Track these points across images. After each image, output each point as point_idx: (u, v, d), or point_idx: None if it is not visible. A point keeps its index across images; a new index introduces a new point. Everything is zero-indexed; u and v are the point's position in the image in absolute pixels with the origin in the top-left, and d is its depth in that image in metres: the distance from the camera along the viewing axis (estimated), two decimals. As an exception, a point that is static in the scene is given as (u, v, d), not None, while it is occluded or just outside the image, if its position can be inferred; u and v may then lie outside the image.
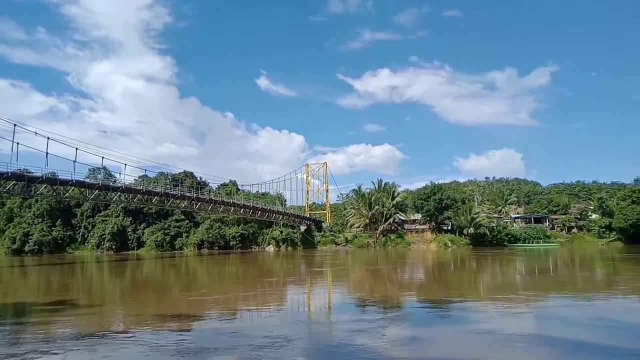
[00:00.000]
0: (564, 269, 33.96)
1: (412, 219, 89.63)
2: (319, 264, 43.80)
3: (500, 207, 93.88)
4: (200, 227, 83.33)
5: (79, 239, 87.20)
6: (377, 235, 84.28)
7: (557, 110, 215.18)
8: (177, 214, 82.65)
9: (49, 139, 44.88)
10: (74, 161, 47.42)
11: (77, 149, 47.34)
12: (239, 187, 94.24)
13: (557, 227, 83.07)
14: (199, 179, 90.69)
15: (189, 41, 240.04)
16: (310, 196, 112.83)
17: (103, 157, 54.43)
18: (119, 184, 56.84)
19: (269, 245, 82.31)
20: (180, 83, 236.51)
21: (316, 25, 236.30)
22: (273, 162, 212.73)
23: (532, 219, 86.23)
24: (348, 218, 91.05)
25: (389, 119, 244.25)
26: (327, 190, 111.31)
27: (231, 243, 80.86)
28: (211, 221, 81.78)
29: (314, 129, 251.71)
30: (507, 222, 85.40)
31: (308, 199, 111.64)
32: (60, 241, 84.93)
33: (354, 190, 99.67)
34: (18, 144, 42.99)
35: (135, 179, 72.01)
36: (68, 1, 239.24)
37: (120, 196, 57.07)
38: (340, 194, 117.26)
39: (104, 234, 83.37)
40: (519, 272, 32.05)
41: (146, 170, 72.51)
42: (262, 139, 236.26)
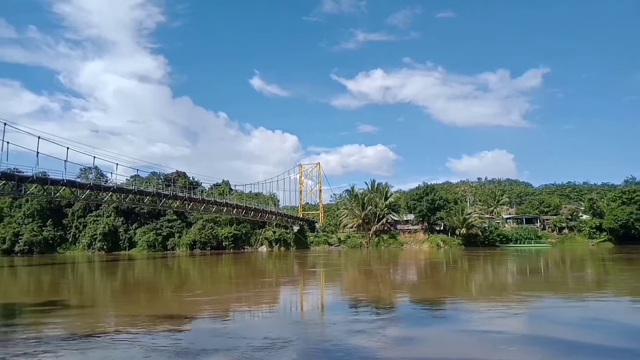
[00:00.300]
0: (555, 270, 34.22)
1: (405, 219, 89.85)
2: (313, 265, 43.76)
3: (492, 208, 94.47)
4: (193, 227, 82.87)
5: (70, 239, 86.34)
6: (370, 236, 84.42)
7: (548, 112, 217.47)
8: (169, 214, 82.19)
9: (39, 138, 44.47)
10: (65, 161, 47.04)
11: (68, 148, 46.95)
12: (232, 187, 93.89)
13: (549, 227, 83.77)
14: (191, 179, 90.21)
15: (182, 41, 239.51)
16: (304, 196, 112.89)
17: (95, 157, 54.35)
18: (111, 184, 56.41)
19: (261, 245, 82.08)
20: (173, 82, 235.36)
21: (310, 26, 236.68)
22: (266, 162, 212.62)
23: (524, 219, 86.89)
24: (341, 218, 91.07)
25: (382, 120, 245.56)
26: (321, 191, 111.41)
27: (224, 243, 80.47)
28: (204, 221, 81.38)
29: (307, 129, 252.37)
30: (499, 222, 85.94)
31: (301, 199, 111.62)
32: (51, 241, 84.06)
33: (347, 190, 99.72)
34: (8, 143, 42.69)
35: (127, 179, 71.72)
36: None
37: (111, 196, 56.62)
38: (334, 194, 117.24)
39: (95, 234, 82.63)
40: (511, 272, 32.26)
41: (138, 170, 72.22)
42: (255, 139, 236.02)
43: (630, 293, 19.43)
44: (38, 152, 44.31)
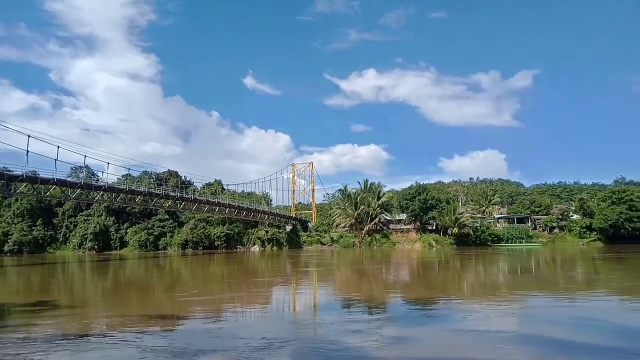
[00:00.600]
0: (546, 269, 34.45)
1: (398, 219, 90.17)
2: (306, 264, 43.70)
3: (484, 208, 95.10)
4: (185, 226, 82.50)
5: (61, 239, 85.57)
6: (363, 235, 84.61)
7: (539, 112, 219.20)
8: (161, 213, 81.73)
9: (29, 136, 43.91)
10: (55, 160, 46.51)
11: (58, 147, 46.43)
12: (224, 187, 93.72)
13: (539, 227, 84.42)
14: (183, 178, 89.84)
15: (173, 39, 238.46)
16: (296, 196, 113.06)
17: (85, 156, 53.50)
18: (102, 183, 55.92)
19: (254, 245, 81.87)
20: (165, 81, 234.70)
21: (303, 25, 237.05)
22: (259, 162, 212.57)
23: (515, 219, 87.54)
24: (334, 218, 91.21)
25: (375, 119, 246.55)
26: (313, 190, 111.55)
27: (216, 243, 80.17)
28: (196, 221, 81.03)
29: (300, 128, 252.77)
30: (490, 222, 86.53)
31: (294, 198, 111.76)
32: (41, 241, 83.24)
33: (340, 190, 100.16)
34: (-3, 141, 42.16)
35: (118, 178, 71.17)
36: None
37: (102, 195, 56.17)
38: (326, 193, 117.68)
39: (86, 234, 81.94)
40: (503, 272, 32.45)
41: (129, 169, 71.58)
42: (247, 139, 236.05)
43: (620, 292, 19.60)
44: (28, 151, 43.81)
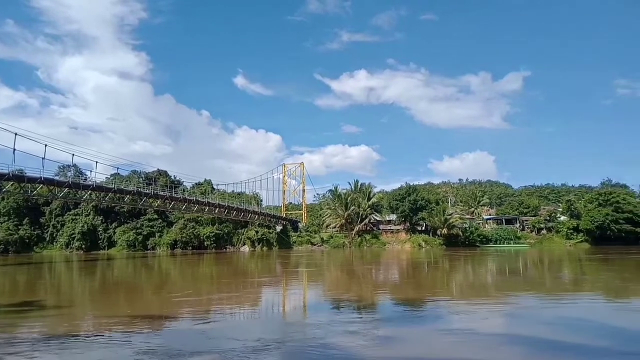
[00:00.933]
0: (534, 270, 34.89)
1: (388, 219, 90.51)
2: (296, 265, 43.72)
3: (473, 209, 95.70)
4: (174, 226, 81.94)
5: (48, 238, 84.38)
6: (353, 236, 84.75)
7: (528, 114, 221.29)
8: (150, 213, 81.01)
9: (16, 134, 43.37)
10: (42, 158, 45.93)
11: (46, 145, 45.89)
12: (214, 187, 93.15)
13: (527, 228, 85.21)
14: (173, 177, 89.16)
15: (164, 38, 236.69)
16: (287, 196, 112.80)
17: (73, 155, 52.82)
18: (90, 182, 55.33)
19: (244, 245, 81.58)
20: (155, 80, 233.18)
21: (294, 25, 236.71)
22: (249, 162, 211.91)
23: (504, 220, 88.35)
24: (324, 218, 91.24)
25: (366, 120, 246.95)
26: (304, 191, 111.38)
27: (205, 243, 79.71)
28: (185, 221, 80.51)
29: (291, 128, 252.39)
30: (479, 223, 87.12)
31: (284, 199, 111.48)
32: (28, 240, 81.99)
33: (330, 190, 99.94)
34: (-17, 139, 41.53)
35: (106, 177, 70.90)
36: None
37: (91, 194, 55.59)
38: (317, 194, 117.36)
39: (73, 233, 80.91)
40: (491, 272, 32.79)
41: (118, 168, 70.79)
42: (238, 138, 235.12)
43: (606, 293, 19.93)
44: (15, 149, 43.30)
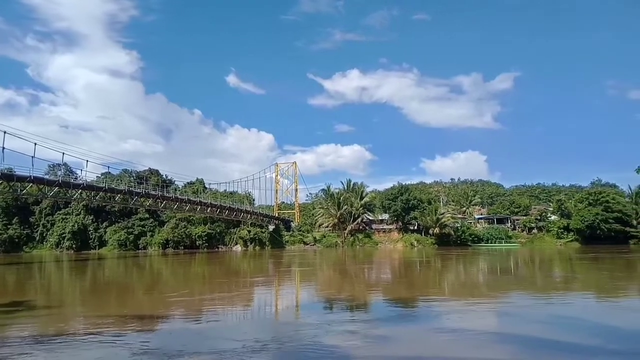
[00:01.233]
0: (525, 269, 35.17)
1: (380, 219, 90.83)
2: (289, 264, 43.67)
3: (465, 208, 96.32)
4: (166, 226, 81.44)
5: (37, 238, 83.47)
6: (346, 235, 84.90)
7: (519, 114, 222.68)
8: (141, 212, 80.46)
9: (5, 132, 42.79)
10: (32, 157, 45.22)
11: (35, 144, 45.21)
12: (206, 186, 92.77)
13: (519, 227, 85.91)
14: (164, 176, 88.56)
15: (156, 36, 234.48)
16: (279, 195, 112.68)
17: (64, 153, 52.10)
18: (81, 181, 54.75)
19: (236, 245, 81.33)
20: (146, 78, 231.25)
21: (287, 24, 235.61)
22: (242, 161, 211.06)
23: (495, 219, 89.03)
24: (317, 218, 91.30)
25: (359, 120, 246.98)
26: (296, 190, 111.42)
27: (197, 243, 79.35)
28: (177, 220, 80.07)
29: (283, 128, 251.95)
30: (471, 222, 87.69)
31: (277, 198, 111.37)
32: (17, 240, 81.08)
33: (323, 190, 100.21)
34: (-29, 138, 40.92)
35: (97, 176, 70.12)
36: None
37: (81, 193, 55.04)
38: (310, 193, 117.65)
39: (63, 233, 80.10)
40: (482, 271, 33.00)
41: (109, 167, 70.62)
42: (230, 137, 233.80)
43: (596, 291, 20.14)
44: (4, 148, 42.64)
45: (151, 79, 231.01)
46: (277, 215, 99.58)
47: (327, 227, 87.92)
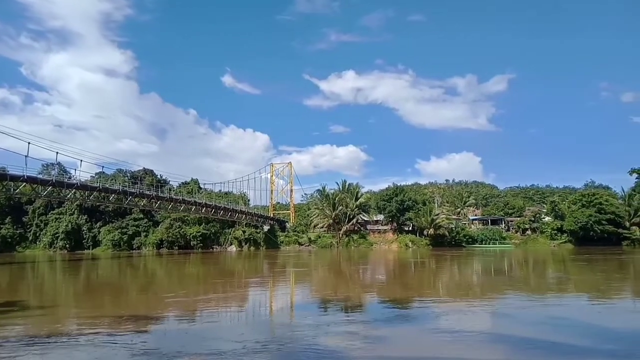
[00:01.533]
0: (519, 270, 35.37)
1: (375, 219, 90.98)
2: (284, 265, 43.64)
3: (459, 209, 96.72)
4: (160, 226, 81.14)
5: (31, 238, 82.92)
6: (341, 236, 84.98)
7: (513, 116, 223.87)
8: (135, 212, 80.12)
9: (-2, 132, 42.54)
10: (26, 156, 44.92)
11: (29, 143, 44.91)
12: (201, 186, 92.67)
13: (512, 228, 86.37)
14: (159, 176, 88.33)
15: (151, 35, 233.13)
16: (275, 196, 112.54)
17: (57, 153, 51.70)
18: (74, 181, 54.46)
19: (231, 245, 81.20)
20: (141, 78, 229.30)
21: (283, 24, 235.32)
22: (237, 161, 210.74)
23: (489, 220, 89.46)
24: (312, 218, 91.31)
25: (354, 121, 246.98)
26: (292, 190, 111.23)
27: (192, 243, 79.16)
28: (171, 220, 79.80)
29: (279, 128, 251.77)
30: (465, 223, 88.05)
31: (272, 198, 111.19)
32: (10, 239, 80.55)
33: (318, 190, 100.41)
34: (-36, 136, 40.68)
35: (91, 176, 69.88)
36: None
37: (75, 193, 54.77)
38: (305, 194, 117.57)
39: (57, 233, 79.59)
40: (477, 272, 33.14)
41: (103, 167, 70.46)
42: (225, 137, 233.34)
43: (589, 293, 20.29)
44: (-3, 147, 42.50)
45: (146, 78, 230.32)
46: (272, 215, 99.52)
47: (322, 227, 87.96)
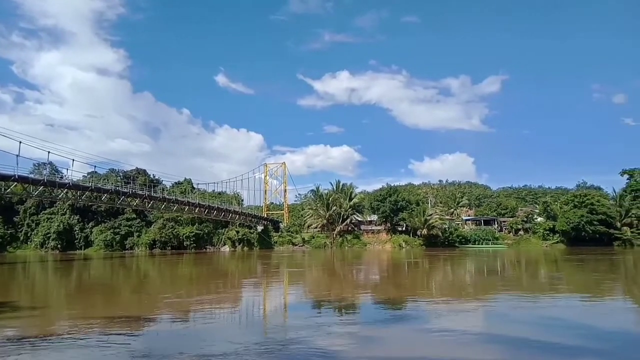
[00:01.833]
0: (511, 270, 35.60)
1: (369, 220, 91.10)
2: (278, 265, 43.60)
3: (452, 210, 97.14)
4: (153, 226, 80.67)
5: (22, 238, 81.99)
6: (334, 236, 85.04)
7: (506, 117, 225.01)
8: (128, 212, 79.61)
9: (-11, 131, 42.17)
10: (17, 155, 44.50)
11: (20, 142, 44.43)
12: (194, 186, 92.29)
13: (505, 229, 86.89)
14: (152, 176, 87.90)
15: (144, 34, 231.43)
16: (268, 196, 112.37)
17: (49, 152, 51.09)
18: (66, 180, 54.00)
19: (224, 245, 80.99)
20: (134, 77, 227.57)
21: (276, 24, 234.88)
22: (230, 161, 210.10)
23: (482, 221, 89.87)
24: (306, 218, 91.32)
25: (348, 121, 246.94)
26: (285, 191, 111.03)
27: (185, 243, 78.84)
28: (164, 220, 79.42)
29: (272, 128, 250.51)
30: (458, 223, 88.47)
31: (266, 199, 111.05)
32: (1, 240, 79.67)
33: (312, 190, 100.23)
34: (-45, 136, 40.24)
35: (84, 176, 69.32)
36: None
37: (67, 193, 54.34)
38: (299, 194, 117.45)
39: (48, 233, 78.83)
40: (470, 272, 33.32)
41: (96, 166, 70.04)
42: (219, 137, 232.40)
43: (581, 293, 20.47)
44: (-12, 146, 42.08)
45: (139, 77, 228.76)
46: (265, 215, 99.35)
47: (315, 228, 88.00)
